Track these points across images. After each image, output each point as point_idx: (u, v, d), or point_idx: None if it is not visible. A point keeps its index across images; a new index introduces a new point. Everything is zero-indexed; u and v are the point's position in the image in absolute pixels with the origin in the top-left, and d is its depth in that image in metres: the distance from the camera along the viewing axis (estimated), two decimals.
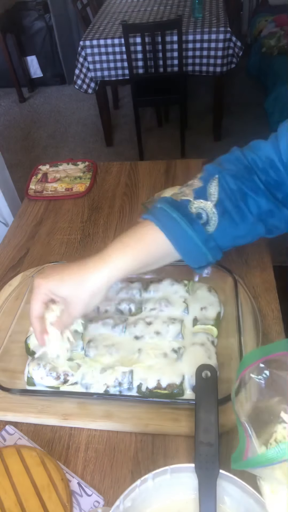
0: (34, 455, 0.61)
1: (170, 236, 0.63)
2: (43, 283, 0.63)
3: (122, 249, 0.63)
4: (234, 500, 0.51)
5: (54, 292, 0.63)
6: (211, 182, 0.65)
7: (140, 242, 0.64)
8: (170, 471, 0.51)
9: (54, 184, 1.21)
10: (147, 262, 0.65)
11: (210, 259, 0.67)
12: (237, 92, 3.70)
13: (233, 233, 0.66)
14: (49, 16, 3.90)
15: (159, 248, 0.65)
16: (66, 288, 0.62)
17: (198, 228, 0.63)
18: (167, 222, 0.64)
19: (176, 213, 0.63)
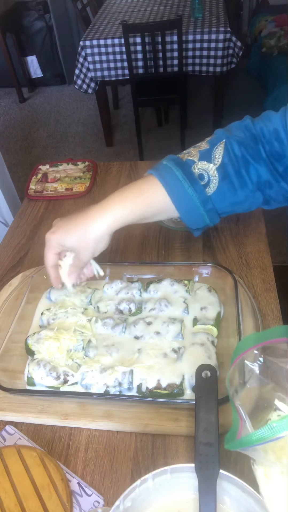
0: (34, 455, 0.61)
1: (171, 193, 0.66)
2: (53, 237, 0.69)
3: (122, 201, 0.67)
4: (234, 500, 0.51)
5: (62, 243, 0.69)
6: (218, 146, 0.68)
7: (140, 196, 0.67)
8: (170, 471, 0.51)
9: (54, 184, 1.21)
10: (145, 215, 0.68)
11: (207, 220, 0.69)
12: (237, 92, 3.70)
13: (231, 198, 0.68)
14: (49, 16, 3.90)
15: (158, 203, 0.67)
16: (72, 239, 0.68)
17: (198, 188, 0.66)
18: (169, 179, 0.66)
19: (179, 172, 0.66)
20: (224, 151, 0.67)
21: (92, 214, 0.67)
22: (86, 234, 0.67)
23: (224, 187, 0.67)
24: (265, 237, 0.94)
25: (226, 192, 0.67)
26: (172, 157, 0.70)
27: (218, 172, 0.66)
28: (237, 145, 0.67)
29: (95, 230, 0.66)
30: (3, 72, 3.96)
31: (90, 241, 0.67)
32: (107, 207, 0.67)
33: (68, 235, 0.68)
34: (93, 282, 0.85)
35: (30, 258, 0.99)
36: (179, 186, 0.66)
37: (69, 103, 3.99)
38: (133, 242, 0.99)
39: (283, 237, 0.87)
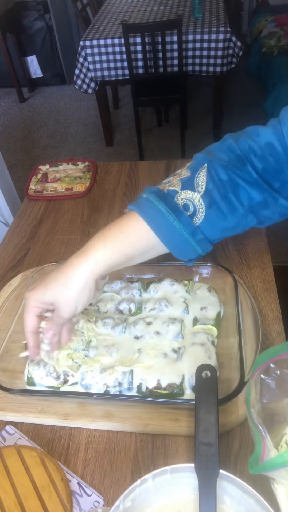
0: (34, 455, 0.61)
1: (156, 229, 0.62)
2: (30, 295, 0.63)
3: (102, 242, 0.61)
4: (234, 500, 0.51)
5: (41, 300, 0.62)
6: (199, 171, 0.63)
7: (122, 234, 0.62)
8: (170, 471, 0.51)
9: (54, 184, 1.21)
10: (130, 255, 0.63)
11: (199, 251, 0.65)
12: (237, 92, 3.70)
13: (221, 225, 0.63)
14: (49, 16, 3.90)
15: (142, 241, 0.63)
16: (51, 292, 0.61)
17: (185, 220, 0.61)
18: (152, 214, 0.62)
19: (162, 205, 0.62)
20: (207, 177, 0.62)
21: (72, 261, 0.61)
22: (67, 283, 0.60)
23: (212, 214, 0.62)
24: (265, 237, 0.94)
25: (215, 220, 0.63)
26: (151, 189, 0.65)
27: (203, 200, 0.62)
28: (222, 169, 0.62)
29: (77, 278, 0.60)
30: (3, 72, 3.96)
31: (72, 292, 0.60)
32: (88, 251, 0.61)
33: (46, 288, 0.61)
34: None
35: (30, 258, 0.99)
36: (164, 220, 0.61)
37: (69, 103, 3.99)
38: None
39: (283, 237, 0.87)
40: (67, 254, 0.99)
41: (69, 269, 0.61)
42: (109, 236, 0.62)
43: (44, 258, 0.98)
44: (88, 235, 1.03)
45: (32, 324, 0.64)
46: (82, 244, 0.99)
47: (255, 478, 0.51)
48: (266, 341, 0.74)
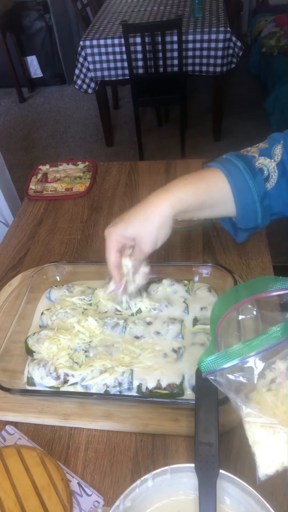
0: (34, 455, 0.61)
1: (232, 182, 0.65)
2: (112, 230, 0.66)
3: (183, 183, 0.65)
4: (234, 500, 0.51)
5: (123, 234, 0.65)
6: (277, 145, 0.69)
7: (202, 180, 0.66)
8: (170, 471, 0.51)
9: (54, 184, 1.21)
10: (205, 202, 0.66)
11: (259, 219, 0.69)
12: (237, 92, 3.70)
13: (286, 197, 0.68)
14: (49, 16, 3.90)
15: (219, 191, 0.66)
16: (134, 226, 0.64)
17: (259, 180, 0.66)
18: (232, 169, 0.66)
19: (241, 163, 0.66)
20: (283, 150, 0.68)
21: (153, 198, 0.64)
22: (149, 217, 0.63)
23: (282, 183, 0.67)
24: (265, 237, 0.94)
25: (283, 190, 0.68)
26: (233, 153, 0.69)
27: (277, 168, 0.67)
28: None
29: (158, 212, 0.63)
30: (3, 72, 3.96)
31: (152, 227, 0.63)
32: (169, 189, 0.64)
33: (130, 223, 0.64)
34: (93, 282, 0.85)
35: (30, 258, 0.99)
36: (241, 176, 0.65)
37: (69, 103, 3.99)
38: None
39: (283, 237, 0.87)
40: (67, 254, 0.99)
41: (150, 205, 0.64)
42: (191, 179, 0.66)
43: (44, 258, 0.98)
44: (88, 235, 1.03)
45: (116, 258, 0.67)
46: (83, 244, 1.01)
47: (255, 478, 0.50)
48: None
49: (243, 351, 0.47)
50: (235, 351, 0.48)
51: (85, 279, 0.87)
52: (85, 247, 1.00)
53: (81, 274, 0.87)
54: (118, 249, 0.67)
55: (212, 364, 0.48)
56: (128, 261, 0.70)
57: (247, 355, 0.47)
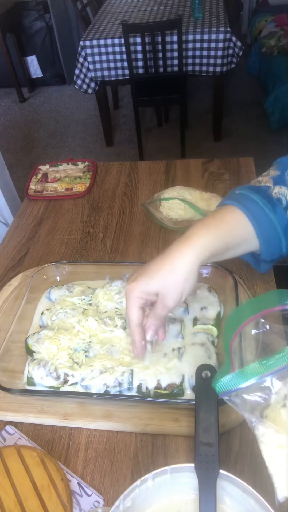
0: (34, 455, 0.61)
1: (252, 218, 0.63)
2: (134, 286, 0.61)
3: (205, 229, 0.62)
4: (234, 500, 0.51)
5: (146, 290, 0.60)
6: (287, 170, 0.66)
7: (223, 223, 0.63)
8: (170, 471, 0.51)
9: (54, 184, 1.21)
10: (229, 244, 0.64)
11: (283, 249, 0.66)
12: (237, 92, 3.71)
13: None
14: (49, 16, 3.90)
15: (241, 231, 0.64)
16: (157, 281, 0.60)
17: (280, 211, 0.63)
18: (250, 205, 0.63)
19: (258, 196, 0.64)
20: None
21: (176, 248, 0.60)
22: (174, 270, 0.59)
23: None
24: None
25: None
26: (244, 186, 0.67)
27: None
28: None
29: (184, 264, 0.59)
30: (3, 72, 3.96)
31: (179, 279, 0.59)
32: (191, 238, 0.60)
33: (153, 277, 0.60)
34: (93, 282, 0.85)
35: (30, 258, 0.99)
36: (260, 211, 0.63)
37: (69, 103, 3.99)
38: (133, 242, 0.99)
39: None
40: (67, 254, 0.99)
41: (175, 257, 0.60)
42: (211, 224, 0.63)
43: (44, 258, 0.98)
44: (88, 235, 1.03)
45: (138, 317, 0.62)
46: (83, 244, 1.01)
47: (255, 478, 0.51)
48: None
49: (259, 370, 0.46)
50: (251, 370, 0.46)
51: (85, 279, 0.87)
52: (85, 247, 1.00)
53: (81, 274, 0.87)
54: (140, 306, 0.62)
55: (228, 384, 0.47)
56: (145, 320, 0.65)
57: (264, 374, 0.46)
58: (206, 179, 1.15)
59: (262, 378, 0.46)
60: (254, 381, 0.46)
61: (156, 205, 1.06)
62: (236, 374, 0.46)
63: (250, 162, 1.19)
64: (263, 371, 0.45)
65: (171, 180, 1.16)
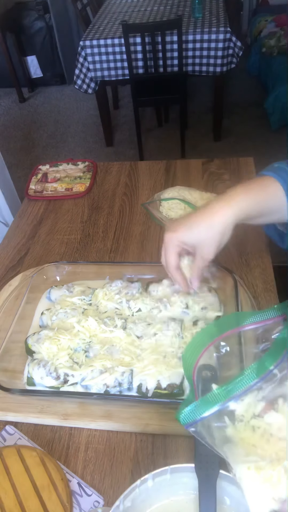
0: (34, 455, 0.61)
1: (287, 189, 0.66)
2: (174, 235, 0.67)
3: (246, 192, 0.66)
4: (234, 500, 0.51)
5: (185, 241, 0.67)
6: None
7: (262, 190, 0.67)
8: (170, 471, 0.51)
9: (54, 184, 1.21)
10: (264, 210, 0.68)
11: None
12: (237, 92, 3.70)
13: None
14: (49, 16, 3.90)
15: (276, 199, 0.67)
16: (196, 233, 0.66)
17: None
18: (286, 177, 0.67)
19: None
20: None
21: (216, 206, 0.65)
22: (212, 226, 0.64)
23: None
24: (265, 237, 0.94)
25: None
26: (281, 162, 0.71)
27: None
28: None
29: (222, 221, 0.64)
30: (3, 72, 3.96)
31: (216, 233, 0.65)
32: (233, 198, 0.65)
33: (192, 230, 0.66)
34: (93, 282, 0.85)
35: (30, 258, 0.99)
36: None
37: (69, 103, 3.99)
38: (133, 242, 0.99)
39: None
40: (67, 254, 0.99)
41: (213, 212, 0.65)
42: (252, 189, 0.67)
43: (44, 258, 0.98)
44: (88, 235, 1.03)
45: (176, 261, 0.69)
46: (83, 244, 1.01)
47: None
48: None
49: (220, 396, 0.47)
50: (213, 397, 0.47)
51: (85, 279, 0.87)
52: (85, 247, 1.00)
53: (81, 274, 0.87)
54: (177, 252, 0.69)
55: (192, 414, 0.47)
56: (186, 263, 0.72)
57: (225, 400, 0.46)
58: (206, 179, 1.15)
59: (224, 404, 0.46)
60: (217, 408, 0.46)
61: (156, 205, 1.06)
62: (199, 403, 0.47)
63: (250, 162, 1.19)
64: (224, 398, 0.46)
65: (171, 180, 1.16)
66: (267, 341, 0.53)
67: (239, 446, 0.46)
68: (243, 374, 0.47)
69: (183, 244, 0.68)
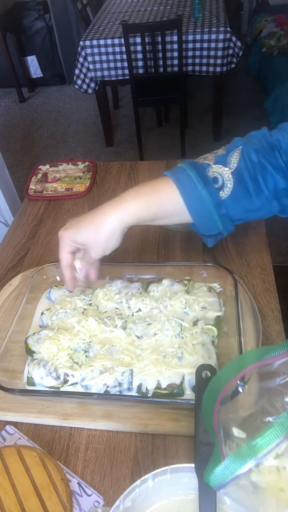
0: (34, 455, 0.61)
1: (183, 193, 0.66)
2: (65, 234, 0.69)
3: (135, 196, 0.66)
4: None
5: (74, 240, 0.68)
6: (234, 151, 0.68)
7: (154, 193, 0.67)
8: (170, 471, 0.51)
9: (54, 184, 1.21)
10: (157, 214, 0.68)
11: (220, 227, 0.68)
12: (237, 92, 3.70)
13: (245, 204, 0.67)
14: (49, 16, 3.90)
15: (171, 203, 0.67)
16: (84, 235, 0.67)
17: (212, 190, 0.65)
18: (183, 179, 0.66)
19: (193, 173, 0.66)
20: (240, 157, 0.67)
21: (105, 209, 0.66)
22: (98, 229, 0.66)
23: (238, 192, 0.66)
24: (265, 237, 0.94)
25: (241, 198, 0.66)
26: (188, 161, 0.70)
27: (233, 176, 0.66)
28: (254, 152, 0.67)
29: (107, 225, 0.65)
30: (3, 72, 3.96)
31: (102, 237, 0.66)
32: (120, 202, 0.66)
33: (80, 230, 0.67)
34: (93, 282, 0.85)
35: (30, 258, 0.99)
36: (192, 186, 0.65)
37: (69, 103, 3.99)
38: (133, 242, 0.99)
39: (283, 237, 0.87)
40: None
41: (100, 216, 0.66)
42: (142, 193, 0.67)
43: (44, 258, 0.98)
44: None
45: (67, 259, 0.71)
46: None
47: None
48: (266, 341, 0.74)
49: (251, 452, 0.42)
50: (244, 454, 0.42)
51: None
52: None
53: None
54: (70, 251, 0.70)
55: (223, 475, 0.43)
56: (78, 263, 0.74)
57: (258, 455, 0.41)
58: None
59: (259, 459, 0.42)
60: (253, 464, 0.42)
61: None
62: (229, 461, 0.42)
63: None
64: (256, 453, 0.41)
65: None
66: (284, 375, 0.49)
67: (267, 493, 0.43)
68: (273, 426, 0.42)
69: (73, 243, 0.69)
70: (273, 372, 0.51)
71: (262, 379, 0.52)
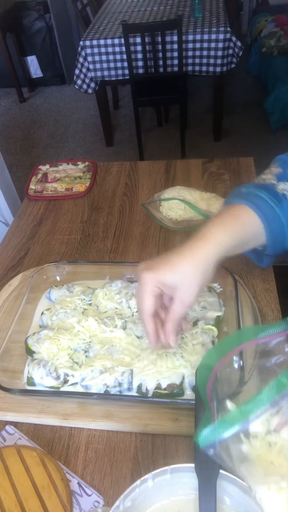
0: (34, 455, 0.61)
1: (262, 216, 0.64)
2: (153, 276, 0.59)
3: (221, 227, 0.63)
4: (234, 500, 0.51)
5: (166, 282, 0.59)
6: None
7: (237, 220, 0.64)
8: (170, 471, 0.51)
9: (54, 184, 1.21)
10: (242, 240, 0.65)
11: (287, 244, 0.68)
12: (237, 92, 3.70)
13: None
14: (49, 16, 3.90)
15: (253, 228, 0.65)
16: (176, 273, 0.59)
17: (285, 207, 0.65)
18: (259, 203, 0.65)
19: (264, 193, 0.65)
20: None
21: (193, 245, 0.61)
22: (196, 265, 0.59)
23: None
24: None
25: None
26: (248, 184, 0.68)
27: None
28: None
29: (204, 257, 0.59)
30: (3, 72, 3.96)
31: (198, 273, 0.59)
32: (207, 236, 0.61)
33: (175, 269, 0.59)
34: (93, 282, 0.85)
35: (30, 258, 0.99)
36: (268, 206, 0.64)
37: (69, 103, 3.99)
38: (133, 242, 0.99)
39: None
40: (67, 254, 0.99)
41: (193, 251, 0.60)
42: (227, 222, 0.64)
43: (44, 258, 0.98)
44: (88, 235, 1.03)
45: (152, 306, 0.60)
46: (82, 244, 1.01)
47: None
48: None
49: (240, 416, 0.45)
50: (233, 417, 0.46)
51: (85, 279, 0.87)
52: (85, 247, 1.00)
53: (81, 274, 0.87)
54: (155, 295, 0.60)
55: (211, 436, 0.46)
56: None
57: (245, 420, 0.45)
58: (206, 179, 1.15)
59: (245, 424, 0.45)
60: (238, 429, 0.45)
61: (156, 205, 1.06)
62: (217, 424, 0.46)
63: (250, 162, 1.19)
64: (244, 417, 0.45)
65: (171, 180, 1.16)
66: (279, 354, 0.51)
67: (257, 465, 0.45)
68: (262, 393, 0.45)
69: (162, 286, 0.59)
70: (269, 351, 0.52)
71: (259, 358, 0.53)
